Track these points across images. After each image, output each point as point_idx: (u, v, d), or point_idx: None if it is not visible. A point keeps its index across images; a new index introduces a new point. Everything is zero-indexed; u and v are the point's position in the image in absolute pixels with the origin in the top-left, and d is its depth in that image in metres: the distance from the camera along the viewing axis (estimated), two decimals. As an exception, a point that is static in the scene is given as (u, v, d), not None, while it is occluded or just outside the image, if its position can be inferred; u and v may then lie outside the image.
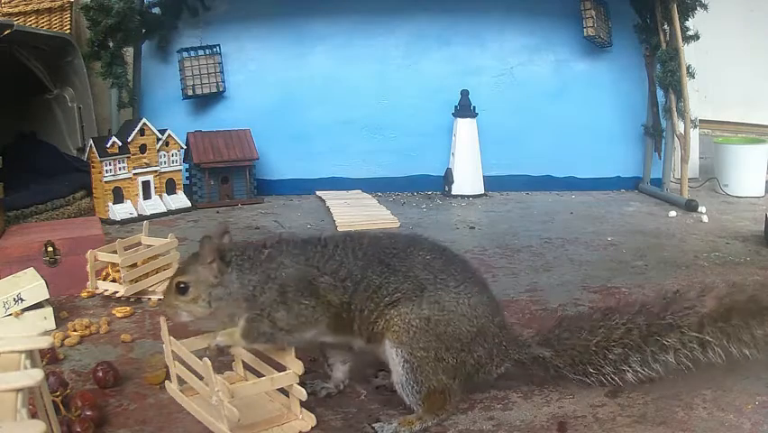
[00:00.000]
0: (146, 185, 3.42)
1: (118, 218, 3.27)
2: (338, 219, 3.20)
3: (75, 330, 1.91)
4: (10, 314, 1.87)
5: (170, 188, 3.52)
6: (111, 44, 3.56)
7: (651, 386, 1.55)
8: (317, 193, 3.85)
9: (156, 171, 3.46)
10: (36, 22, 3.45)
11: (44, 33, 3.36)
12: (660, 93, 3.75)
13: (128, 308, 2.10)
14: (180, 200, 3.53)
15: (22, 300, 1.89)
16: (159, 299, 2.15)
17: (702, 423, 1.42)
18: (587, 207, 3.59)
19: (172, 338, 1.48)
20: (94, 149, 3.26)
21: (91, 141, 3.30)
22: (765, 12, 4.60)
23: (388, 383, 1.59)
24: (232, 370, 1.61)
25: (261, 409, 1.47)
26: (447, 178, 3.88)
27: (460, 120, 3.82)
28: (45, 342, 1.08)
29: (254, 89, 3.92)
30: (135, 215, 3.33)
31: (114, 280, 2.22)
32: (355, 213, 3.33)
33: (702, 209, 3.39)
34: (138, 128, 3.36)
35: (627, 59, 3.95)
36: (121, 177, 3.33)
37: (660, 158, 3.88)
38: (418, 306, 1.40)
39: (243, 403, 1.41)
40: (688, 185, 3.66)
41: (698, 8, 3.57)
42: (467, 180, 3.85)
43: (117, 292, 2.17)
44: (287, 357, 1.42)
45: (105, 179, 3.28)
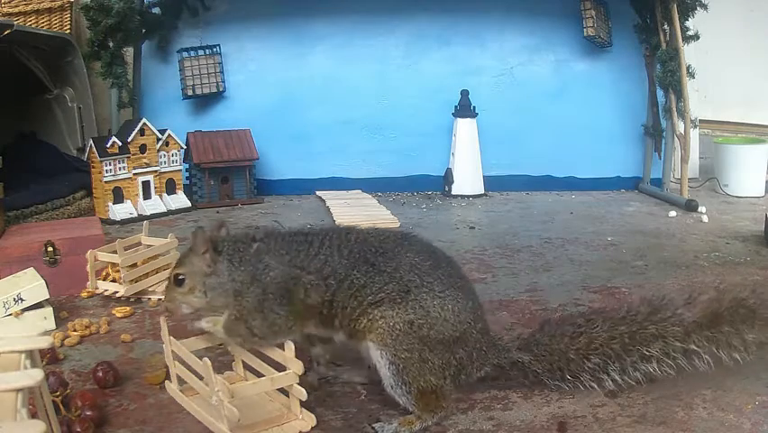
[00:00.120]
0: (146, 185, 3.42)
1: (118, 218, 3.27)
2: (338, 219, 3.20)
3: (75, 330, 1.91)
4: (10, 314, 1.87)
5: (170, 188, 3.52)
6: (111, 44, 3.56)
7: (651, 386, 1.54)
8: (317, 193, 3.85)
9: (156, 171, 3.46)
10: (36, 22, 3.45)
11: (44, 33, 3.36)
12: (660, 93, 3.75)
13: (128, 308, 2.10)
14: (180, 200, 3.53)
15: (22, 300, 1.89)
16: (159, 299, 2.15)
17: (702, 423, 1.42)
18: (587, 207, 3.59)
19: (172, 338, 1.49)
20: (94, 149, 3.26)
21: (91, 141, 3.30)
22: (765, 12, 4.60)
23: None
24: (232, 370, 1.61)
25: (261, 409, 1.47)
26: (447, 178, 3.88)
27: (460, 120, 3.82)
28: (45, 342, 1.07)
29: (254, 89, 3.92)
30: (135, 215, 3.33)
31: (114, 280, 2.22)
32: (355, 213, 3.33)
33: (702, 209, 3.39)
34: (138, 128, 3.36)
35: (627, 59, 3.96)
36: (121, 177, 3.33)
37: (660, 158, 3.88)
38: (403, 309, 1.39)
39: (243, 403, 1.41)
40: (688, 185, 3.66)
41: (698, 8, 3.57)
42: (467, 180, 3.85)
43: (117, 292, 2.18)
44: (287, 357, 1.42)
45: (105, 179, 3.28)
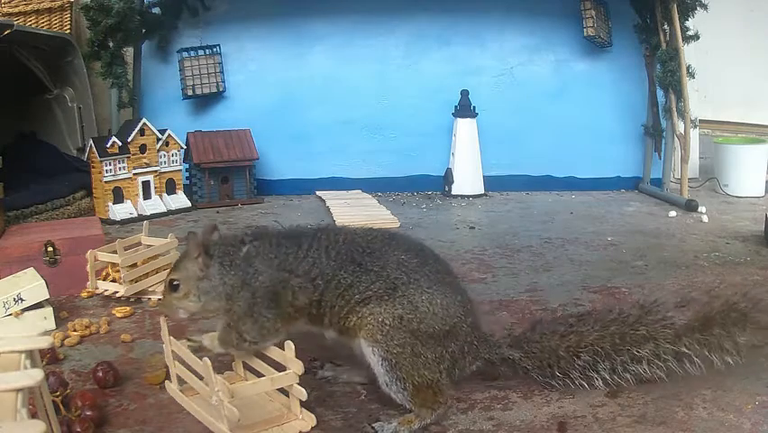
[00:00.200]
0: (146, 185, 3.42)
1: (118, 218, 3.27)
2: (338, 219, 3.20)
3: (75, 330, 1.91)
4: (10, 314, 1.87)
5: (170, 188, 3.52)
6: (111, 44, 3.56)
7: (651, 386, 1.54)
8: (317, 193, 3.85)
9: (156, 171, 3.46)
10: (36, 22, 3.45)
11: (44, 33, 3.35)
12: (660, 93, 3.74)
13: (128, 308, 2.10)
14: (180, 200, 3.53)
15: (22, 300, 1.89)
16: (158, 300, 2.15)
17: (702, 423, 1.42)
18: (587, 207, 3.59)
19: (172, 338, 1.49)
20: (94, 149, 3.26)
21: (91, 141, 3.30)
22: (765, 12, 4.61)
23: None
24: (232, 370, 1.62)
25: (261, 409, 1.47)
26: (447, 178, 3.88)
27: (460, 120, 3.82)
28: (45, 342, 1.08)
29: (254, 89, 3.92)
30: (135, 215, 3.33)
31: (114, 280, 2.22)
32: (355, 213, 3.33)
33: (702, 209, 3.39)
34: (138, 128, 3.36)
35: (627, 59, 3.96)
36: (121, 177, 3.33)
37: (660, 158, 3.88)
38: (391, 305, 1.41)
39: (243, 403, 1.41)
40: (688, 185, 3.66)
41: (698, 8, 3.57)
42: (467, 180, 3.85)
43: (117, 292, 2.18)
44: (287, 357, 1.42)
45: (105, 179, 3.28)
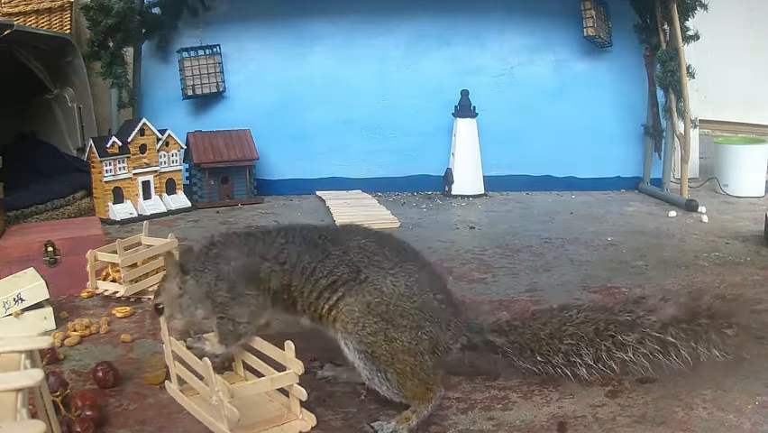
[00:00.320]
0: (146, 185, 3.42)
1: (118, 218, 3.27)
2: (338, 219, 3.20)
3: (75, 330, 1.91)
4: (10, 314, 1.87)
5: (170, 188, 3.52)
6: (111, 44, 3.55)
7: (651, 386, 1.55)
8: (317, 193, 3.85)
9: (156, 171, 3.46)
10: (36, 22, 3.45)
11: (44, 33, 3.35)
12: (660, 93, 3.74)
13: (128, 308, 2.10)
14: (180, 200, 3.53)
15: (22, 300, 1.89)
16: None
17: (702, 423, 1.42)
18: (587, 207, 3.59)
19: (172, 338, 1.49)
20: (94, 149, 3.26)
21: (91, 141, 3.29)
22: (765, 12, 4.60)
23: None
24: (232, 370, 1.62)
25: (261, 409, 1.47)
26: (447, 178, 3.88)
27: (460, 120, 3.82)
28: (45, 342, 1.07)
29: (254, 89, 3.92)
30: (135, 215, 3.32)
31: (114, 280, 2.22)
32: (355, 213, 3.33)
33: (702, 209, 3.39)
34: (138, 128, 3.36)
35: (627, 59, 3.95)
36: (121, 177, 3.33)
37: (660, 158, 3.88)
38: (359, 294, 1.44)
39: (243, 403, 1.41)
40: (688, 185, 3.66)
41: (698, 8, 3.56)
42: (467, 180, 3.85)
43: (117, 292, 2.17)
44: (287, 357, 1.42)
45: (105, 179, 3.28)
